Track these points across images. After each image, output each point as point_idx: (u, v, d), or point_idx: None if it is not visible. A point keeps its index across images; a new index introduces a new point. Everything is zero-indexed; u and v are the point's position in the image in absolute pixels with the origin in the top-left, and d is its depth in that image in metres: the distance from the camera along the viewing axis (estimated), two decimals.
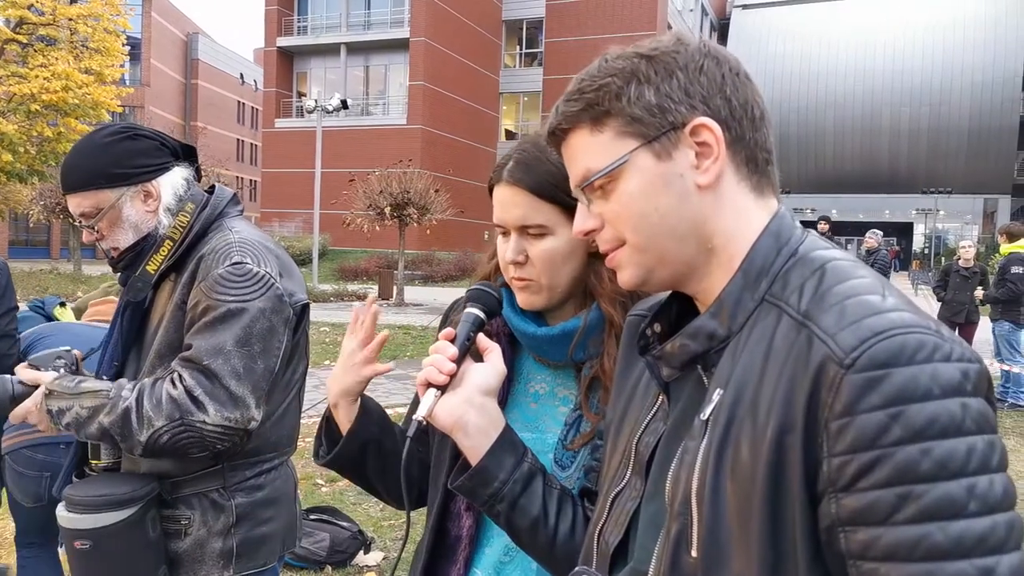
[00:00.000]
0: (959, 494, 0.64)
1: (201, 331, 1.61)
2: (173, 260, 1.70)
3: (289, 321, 1.70)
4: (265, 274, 1.67)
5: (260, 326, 1.63)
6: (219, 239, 1.71)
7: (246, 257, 1.66)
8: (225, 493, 1.71)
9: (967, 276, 9.39)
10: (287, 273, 1.75)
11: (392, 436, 1.28)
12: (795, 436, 0.69)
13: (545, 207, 1.15)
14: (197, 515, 1.70)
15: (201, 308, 1.63)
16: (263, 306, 1.64)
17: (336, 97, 24.00)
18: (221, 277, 1.63)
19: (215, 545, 1.70)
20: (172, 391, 1.58)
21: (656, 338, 0.89)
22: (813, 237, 0.83)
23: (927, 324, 0.69)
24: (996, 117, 44.34)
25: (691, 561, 0.75)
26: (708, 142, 0.80)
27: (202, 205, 1.76)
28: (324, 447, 1.27)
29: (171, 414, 1.56)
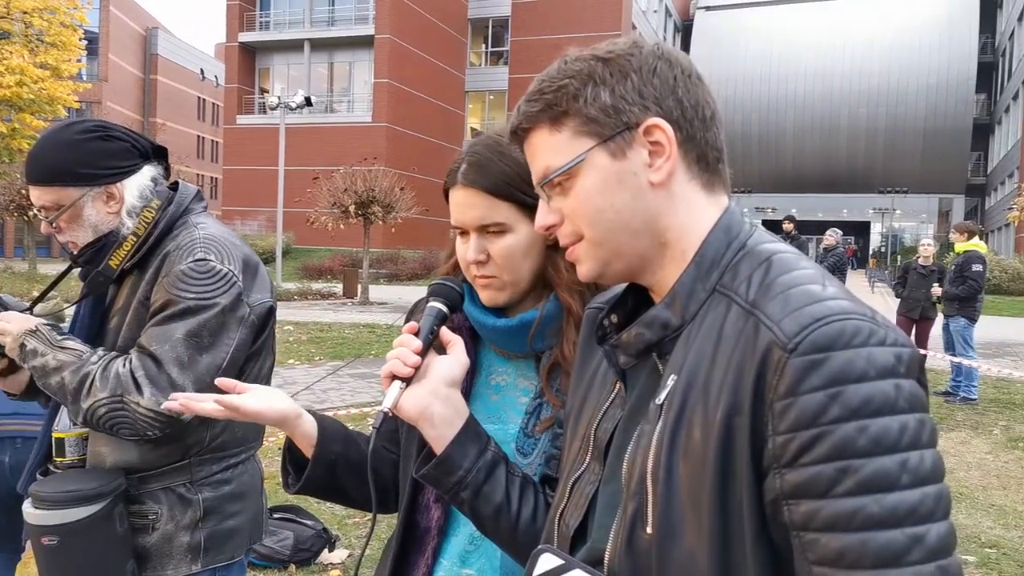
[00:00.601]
0: (893, 468, 0.68)
1: (157, 322, 1.63)
2: (138, 257, 1.70)
3: (244, 320, 1.69)
4: (228, 271, 1.66)
5: (214, 321, 1.63)
6: (184, 235, 1.70)
7: (210, 254, 1.66)
8: (192, 487, 1.71)
9: (924, 274, 9.65)
10: (251, 272, 1.74)
11: (358, 446, 1.28)
12: (743, 417, 0.73)
13: (502, 206, 1.18)
14: (164, 509, 1.70)
15: (161, 302, 1.63)
16: (222, 302, 1.64)
17: (300, 94, 23.74)
18: (183, 273, 1.63)
19: (183, 539, 1.71)
20: (120, 369, 1.60)
21: (613, 328, 0.92)
22: (760, 231, 0.87)
23: (863, 311, 0.74)
24: (950, 119, 45.48)
25: (646, 537, 0.79)
26: (660, 141, 0.84)
27: (167, 202, 1.75)
28: (292, 475, 1.27)
29: (114, 389, 1.58)
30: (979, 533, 4.83)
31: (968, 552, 4.52)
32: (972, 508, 5.29)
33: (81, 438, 1.73)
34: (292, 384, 8.94)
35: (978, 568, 4.31)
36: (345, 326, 14.54)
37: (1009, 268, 24.43)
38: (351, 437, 1.29)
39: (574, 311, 1.18)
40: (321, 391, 8.68)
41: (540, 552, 0.86)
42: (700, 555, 0.75)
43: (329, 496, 1.32)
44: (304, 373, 9.76)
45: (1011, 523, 5.02)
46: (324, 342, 12.42)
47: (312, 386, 8.88)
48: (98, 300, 1.74)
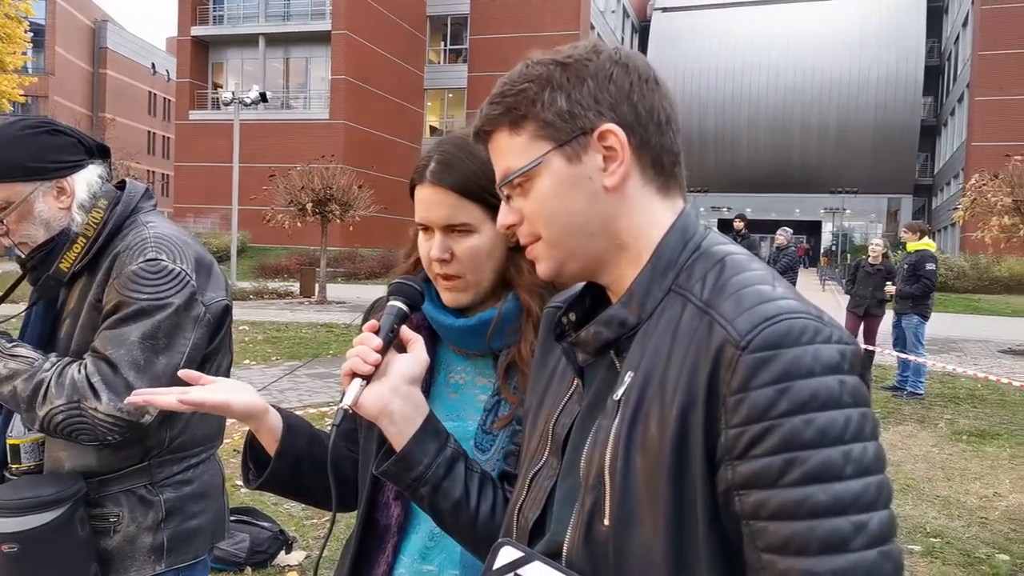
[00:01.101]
0: (837, 459, 0.72)
1: (111, 325, 1.61)
2: (88, 259, 1.68)
3: (199, 320, 1.68)
4: (180, 271, 1.65)
5: (168, 322, 1.62)
6: (134, 235, 1.68)
7: (161, 253, 1.65)
8: (153, 489, 1.71)
9: (871, 272, 9.93)
10: (205, 271, 1.73)
11: (322, 444, 1.28)
12: (697, 412, 0.76)
13: (469, 206, 1.18)
14: (126, 512, 1.69)
15: (113, 304, 1.61)
16: (175, 302, 1.63)
17: (254, 89, 23.36)
18: (134, 274, 1.61)
19: (145, 540, 1.70)
20: (76, 375, 1.59)
21: (572, 326, 0.94)
22: (714, 233, 0.90)
23: (810, 311, 0.77)
24: (899, 118, 46.68)
25: (603, 529, 0.81)
26: (614, 147, 0.86)
27: (115, 201, 1.73)
28: (253, 471, 1.26)
29: (70, 395, 1.57)
30: (924, 523, 4.98)
31: (914, 542, 4.66)
32: (918, 499, 5.45)
33: (37, 443, 1.71)
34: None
35: (923, 557, 4.45)
36: (302, 325, 14.39)
37: (954, 266, 25.22)
38: (316, 435, 1.29)
39: (533, 312, 1.19)
40: (278, 392, 8.57)
41: (500, 545, 0.87)
42: (655, 545, 0.78)
43: (290, 493, 1.31)
44: (260, 373, 9.63)
45: (954, 513, 5.19)
46: (281, 342, 12.27)
47: (268, 387, 8.77)
48: (49, 304, 1.71)
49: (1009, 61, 35.75)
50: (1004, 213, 13.06)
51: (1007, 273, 24.75)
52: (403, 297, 1.12)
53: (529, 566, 0.84)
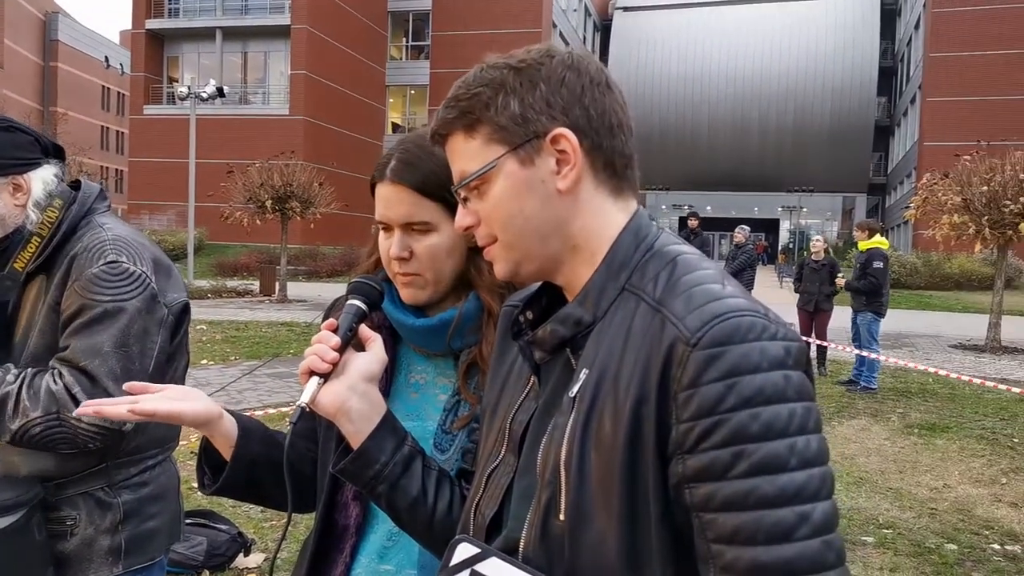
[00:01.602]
0: (782, 451, 0.74)
1: (77, 331, 1.59)
2: (42, 259, 1.66)
3: (164, 322, 1.69)
4: (141, 273, 1.65)
5: (136, 327, 1.62)
6: (91, 237, 1.67)
7: (121, 255, 1.64)
8: (111, 491, 1.70)
9: (816, 269, 10.20)
10: (164, 272, 1.73)
11: (279, 447, 1.26)
12: (650, 407, 0.78)
13: (429, 204, 1.18)
14: (83, 514, 1.68)
15: (75, 308, 1.60)
16: (139, 306, 1.63)
17: (211, 84, 22.97)
18: (96, 276, 1.61)
19: (103, 543, 1.69)
20: (52, 385, 1.56)
21: (528, 325, 0.96)
22: (666, 234, 0.92)
23: (757, 308, 0.80)
24: (854, 120, 47.69)
25: (559, 524, 0.82)
26: (566, 150, 0.87)
27: (70, 201, 1.72)
28: (208, 475, 1.25)
29: (48, 407, 1.55)
30: (877, 515, 5.11)
31: (867, 533, 4.78)
32: (871, 492, 5.59)
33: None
34: (206, 385, 8.67)
35: (876, 548, 4.57)
36: (262, 324, 14.20)
37: (907, 263, 25.87)
38: (272, 437, 1.27)
39: (494, 312, 1.19)
40: (236, 392, 8.45)
41: (457, 542, 0.88)
42: (609, 538, 0.80)
43: (247, 497, 1.30)
44: (218, 373, 9.48)
45: (906, 505, 5.33)
46: (240, 341, 12.09)
47: (227, 387, 8.64)
48: (1, 307, 1.69)
49: (959, 63, 36.77)
50: (954, 212, 13.39)
51: (957, 270, 25.46)
52: (362, 296, 1.11)
53: (485, 562, 0.85)
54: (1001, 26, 36.25)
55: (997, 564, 4.38)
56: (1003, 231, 13.00)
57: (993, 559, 4.45)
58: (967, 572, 4.26)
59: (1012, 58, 36.01)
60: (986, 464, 6.36)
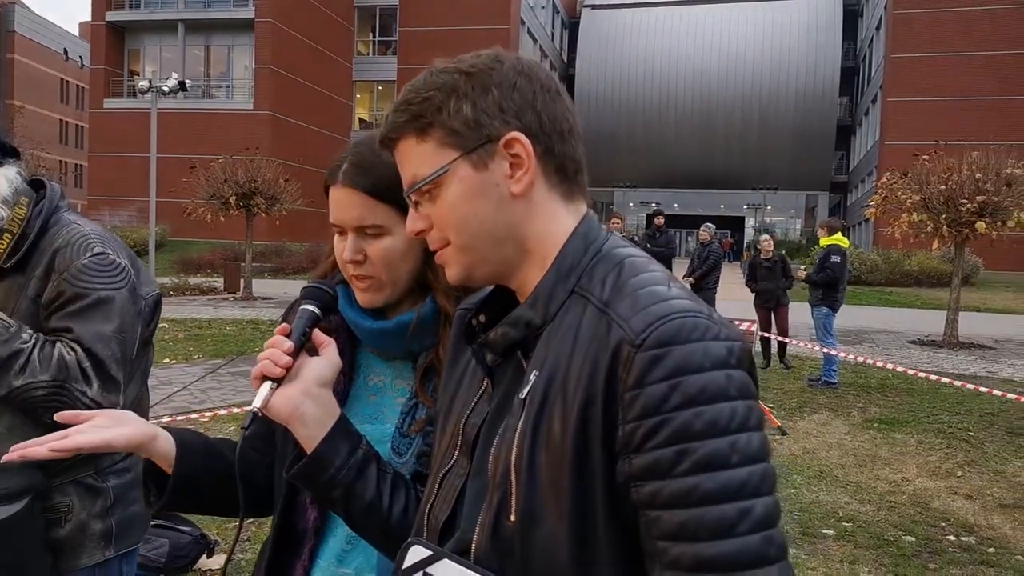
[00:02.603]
0: (724, 449, 0.75)
1: (75, 316, 1.65)
2: (18, 256, 1.69)
3: (141, 314, 1.77)
4: (125, 265, 1.73)
5: (128, 315, 1.71)
6: (70, 232, 1.72)
7: (106, 248, 1.72)
8: (98, 477, 1.75)
9: (770, 266, 10.37)
10: (134, 264, 1.80)
11: (223, 457, 1.24)
12: (597, 408, 0.79)
13: (382, 208, 1.17)
14: (75, 500, 1.73)
15: (68, 296, 1.66)
16: (127, 296, 1.71)
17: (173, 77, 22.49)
18: (86, 267, 1.67)
19: (95, 527, 1.74)
20: (67, 355, 1.62)
21: (481, 328, 0.96)
22: (615, 237, 0.93)
23: (701, 310, 0.81)
24: (816, 120, 48.43)
25: (510, 525, 0.83)
26: (520, 154, 0.88)
27: (38, 198, 1.76)
28: (153, 492, 1.22)
29: (56, 374, 1.60)
30: (837, 508, 5.20)
31: (827, 526, 4.87)
32: (832, 485, 5.69)
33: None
34: (168, 384, 8.54)
35: (836, 540, 4.65)
36: (226, 322, 14.01)
37: (868, 260, 26.35)
38: (214, 449, 1.25)
39: (450, 315, 1.19)
40: (200, 391, 8.34)
41: (410, 544, 0.88)
42: (560, 537, 0.80)
43: (197, 511, 1.29)
44: (181, 372, 9.34)
45: (866, 498, 5.44)
46: (203, 339, 11.92)
47: (190, 386, 8.51)
48: None
49: (920, 64, 37.53)
50: (913, 210, 13.66)
51: (917, 267, 25.99)
52: (315, 301, 1.11)
53: (438, 564, 0.85)
54: (962, 28, 37.08)
55: (953, 555, 4.49)
56: (960, 229, 13.31)
57: (949, 550, 4.56)
58: (924, 563, 4.36)
59: (971, 60, 36.86)
60: (943, 458, 6.51)
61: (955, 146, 14.80)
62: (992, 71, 36.44)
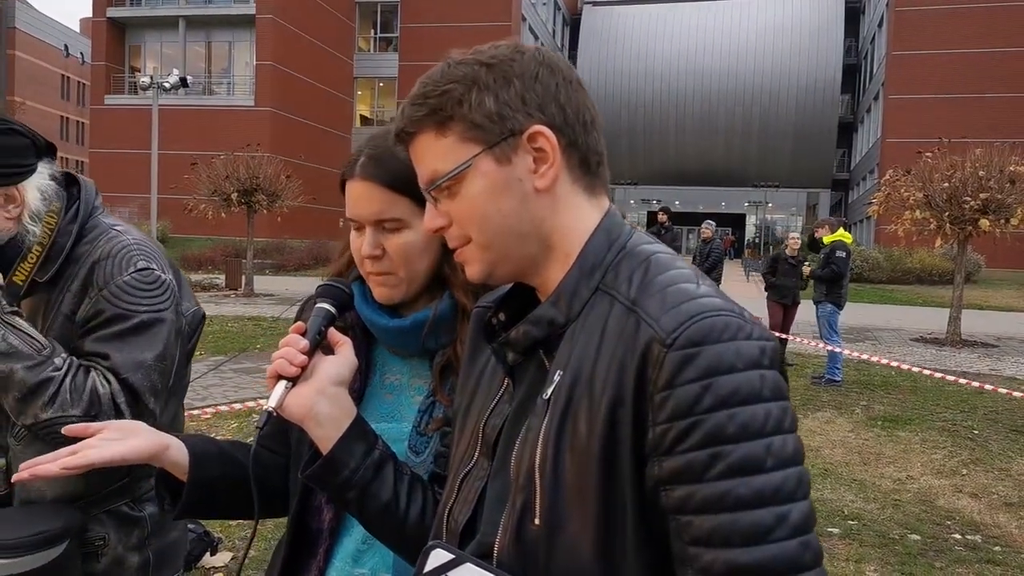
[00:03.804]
0: (759, 452, 0.73)
1: (113, 341, 1.51)
2: (53, 269, 1.56)
3: (181, 333, 1.64)
4: (169, 281, 1.60)
5: (170, 340, 1.58)
6: (110, 242, 1.58)
7: (151, 262, 1.58)
8: (135, 506, 1.63)
9: (794, 264, 10.30)
10: (179, 278, 1.67)
11: (236, 463, 1.23)
12: (625, 409, 0.77)
13: (401, 201, 1.15)
14: (111, 532, 1.61)
15: (107, 316, 1.52)
16: (172, 317, 1.58)
17: (175, 74, 22.53)
18: (128, 284, 1.53)
19: (132, 560, 1.62)
20: (100, 388, 1.49)
21: (501, 326, 0.94)
22: (639, 233, 0.91)
23: (732, 308, 0.79)
24: (818, 118, 48.36)
25: (534, 529, 0.81)
26: (544, 148, 0.85)
27: (69, 204, 1.60)
28: (168, 499, 1.21)
29: (88, 408, 1.47)
30: (842, 507, 5.19)
31: (833, 525, 4.85)
32: (836, 484, 5.67)
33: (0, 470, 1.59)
34: None
35: (841, 539, 4.63)
36: (228, 319, 13.99)
37: (869, 258, 26.29)
38: (228, 455, 1.24)
39: (469, 311, 1.17)
40: (202, 388, 8.32)
41: (431, 548, 0.86)
42: (584, 542, 0.78)
43: (213, 516, 1.28)
44: None
45: (870, 496, 5.42)
46: (205, 336, 11.83)
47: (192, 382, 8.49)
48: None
49: (921, 62, 37.47)
50: (916, 207, 13.63)
51: (919, 265, 25.95)
52: (330, 299, 1.09)
53: (459, 568, 0.83)
54: (963, 25, 37.01)
55: (959, 554, 4.47)
56: (963, 227, 13.28)
57: (955, 548, 4.55)
58: (930, 562, 4.34)
59: (974, 57, 36.80)
60: (947, 456, 6.50)
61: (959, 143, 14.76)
62: (994, 68, 36.38)
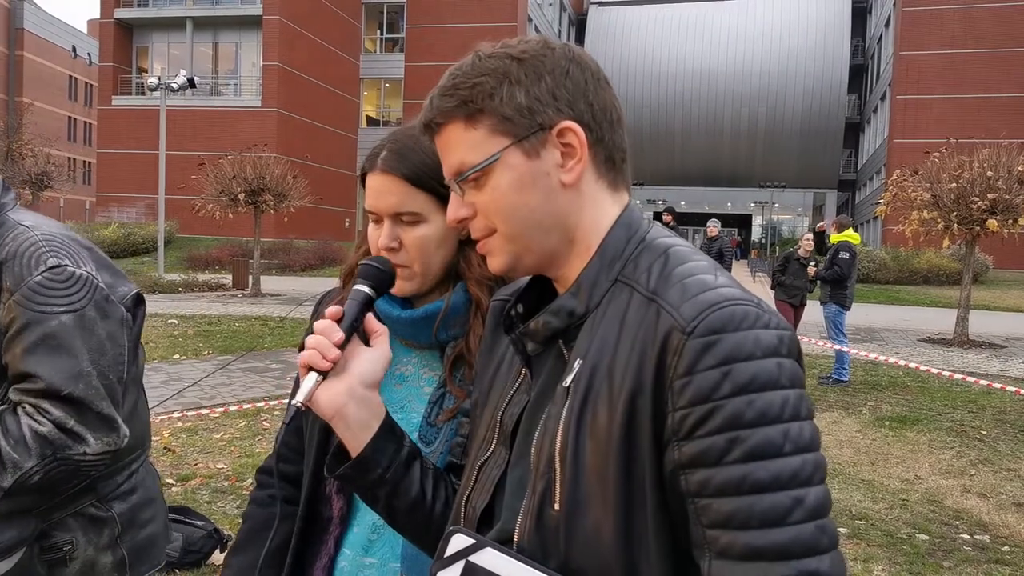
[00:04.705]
0: (776, 437, 0.74)
1: (36, 354, 1.40)
2: None
3: (124, 322, 1.54)
4: (86, 275, 1.48)
5: (101, 334, 1.46)
6: (17, 240, 1.47)
7: (62, 258, 1.46)
8: (102, 505, 1.58)
9: (805, 264, 10.29)
10: (104, 265, 1.56)
11: None
12: (645, 396, 0.78)
13: (419, 195, 1.18)
14: (79, 535, 1.55)
15: (23, 323, 1.40)
16: (95, 313, 1.47)
17: (182, 75, 22.61)
18: (40, 286, 1.42)
19: (105, 560, 1.58)
20: (39, 428, 1.39)
21: (520, 318, 0.95)
22: (658, 227, 0.93)
23: (750, 298, 0.80)
24: (824, 119, 48.26)
25: (554, 514, 0.82)
26: (572, 143, 0.87)
27: None
28: None
29: (42, 452, 1.39)
30: (850, 506, 5.18)
31: (840, 524, 4.84)
32: (844, 483, 5.67)
33: None
34: (178, 380, 8.56)
35: (849, 539, 4.63)
36: (235, 319, 14.04)
37: (877, 259, 26.22)
38: None
39: (483, 305, 1.19)
40: (210, 387, 8.36)
41: (452, 533, 0.87)
42: (605, 527, 0.80)
43: None
44: (191, 368, 9.36)
45: (878, 496, 5.41)
46: (213, 335, 11.95)
47: (200, 381, 8.53)
48: None
49: (928, 61, 37.36)
50: (923, 208, 13.59)
51: (926, 265, 25.87)
52: (370, 281, 1.05)
53: (480, 552, 0.84)
54: (970, 25, 36.90)
55: (967, 553, 4.46)
56: (971, 227, 13.23)
57: (963, 548, 4.54)
58: (938, 562, 4.34)
59: (980, 57, 36.68)
60: (955, 456, 6.48)
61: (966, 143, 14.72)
62: (1002, 68, 36.25)
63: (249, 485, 5.07)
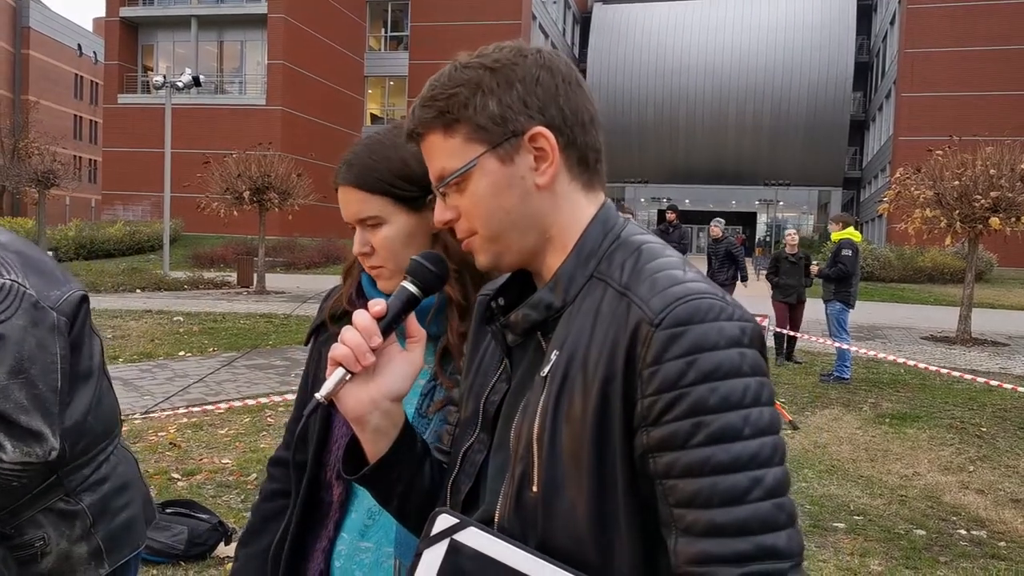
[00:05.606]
0: (737, 422, 0.80)
1: None
2: None
3: (56, 328, 1.49)
4: (11, 283, 1.43)
5: (28, 346, 1.42)
6: None
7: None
8: (71, 499, 1.57)
9: (794, 261, 10.31)
10: (35, 269, 1.51)
11: None
12: (616, 384, 0.83)
13: (374, 199, 1.26)
14: (51, 531, 1.55)
15: None
16: (22, 323, 1.42)
17: (187, 73, 22.69)
18: None
19: (80, 551, 1.59)
20: None
21: (500, 310, 1.00)
22: (632, 225, 0.98)
23: (715, 292, 0.85)
24: (829, 116, 48.12)
25: (532, 496, 0.88)
26: (544, 148, 0.92)
27: None
28: None
29: None
30: (849, 502, 5.22)
31: (838, 519, 4.89)
32: (843, 479, 5.70)
33: None
34: (184, 376, 8.63)
35: (846, 534, 4.67)
36: (240, 316, 14.11)
37: (881, 256, 26.15)
38: None
39: (454, 298, 1.26)
40: (215, 383, 8.42)
41: (437, 513, 0.92)
42: (579, 507, 0.85)
43: None
44: (196, 365, 9.44)
45: (877, 492, 5.45)
46: (218, 333, 12.02)
47: (205, 378, 8.61)
48: None
49: (934, 59, 37.23)
50: (926, 206, 13.57)
51: (930, 263, 25.79)
52: (418, 280, 1.00)
53: (464, 532, 0.89)
54: (975, 23, 36.76)
55: (964, 549, 4.50)
56: (974, 225, 13.21)
57: (960, 544, 4.57)
58: (935, 557, 4.37)
59: (985, 54, 36.54)
60: (955, 452, 6.51)
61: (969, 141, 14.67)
62: (1007, 66, 36.11)
63: (253, 480, 5.13)
